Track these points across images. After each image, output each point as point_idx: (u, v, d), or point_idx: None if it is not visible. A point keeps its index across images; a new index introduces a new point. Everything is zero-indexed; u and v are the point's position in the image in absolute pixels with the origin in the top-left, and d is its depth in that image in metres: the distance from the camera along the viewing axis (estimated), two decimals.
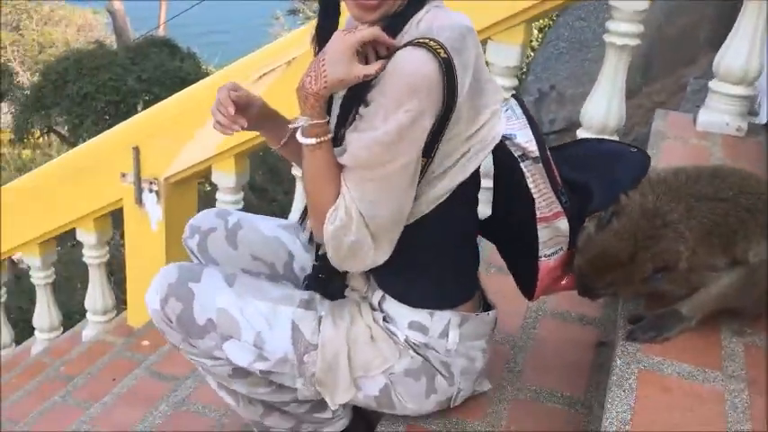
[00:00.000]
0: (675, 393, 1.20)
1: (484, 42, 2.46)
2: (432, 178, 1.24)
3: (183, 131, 2.88)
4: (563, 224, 1.29)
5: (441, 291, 1.36)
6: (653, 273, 1.27)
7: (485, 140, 1.25)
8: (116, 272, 5.03)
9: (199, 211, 3.31)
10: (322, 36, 1.29)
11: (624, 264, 1.28)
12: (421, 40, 1.15)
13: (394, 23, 1.21)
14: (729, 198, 1.31)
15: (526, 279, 1.38)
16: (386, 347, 1.34)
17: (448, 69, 1.13)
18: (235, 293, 1.36)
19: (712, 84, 2.33)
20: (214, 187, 3.03)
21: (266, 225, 1.56)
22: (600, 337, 1.70)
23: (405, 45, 1.17)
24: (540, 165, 1.26)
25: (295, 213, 2.82)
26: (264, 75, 2.68)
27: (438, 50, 1.13)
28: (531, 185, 1.26)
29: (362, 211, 1.18)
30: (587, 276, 1.33)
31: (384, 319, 1.36)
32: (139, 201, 3.00)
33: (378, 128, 1.15)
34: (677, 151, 2.21)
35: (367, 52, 1.19)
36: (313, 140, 1.20)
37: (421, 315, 1.34)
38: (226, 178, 2.92)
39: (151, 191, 2.99)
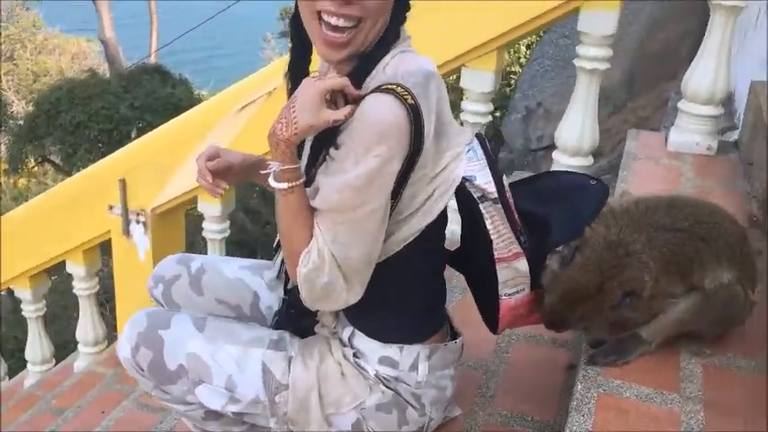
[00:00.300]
0: (632, 416, 1.23)
1: (458, 70, 2.52)
2: (399, 219, 1.28)
3: (168, 163, 2.92)
4: (522, 265, 1.32)
5: (411, 326, 1.39)
6: (622, 298, 1.31)
7: (447, 182, 1.28)
8: (111, 299, 5.06)
9: (186, 239, 3.38)
10: (294, 72, 1.33)
11: (593, 295, 1.31)
12: (389, 87, 1.17)
13: (362, 66, 1.24)
14: (685, 228, 1.36)
15: (489, 314, 1.41)
16: (356, 383, 1.37)
17: (415, 115, 1.16)
18: (205, 338, 1.39)
19: (681, 104, 2.38)
20: None
21: (229, 267, 1.58)
22: (570, 360, 1.73)
23: (373, 90, 1.19)
24: (500, 206, 1.29)
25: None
26: (246, 106, 2.74)
27: (405, 96, 1.16)
28: (489, 227, 1.29)
29: (335, 253, 1.21)
30: (559, 312, 1.36)
31: (354, 355, 1.39)
32: (127, 232, 3.04)
33: (348, 171, 1.18)
34: (649, 171, 2.26)
35: (336, 98, 1.22)
36: (285, 185, 1.23)
37: (391, 350, 1.37)
38: (211, 207, 2.96)
39: (138, 222, 3.03)
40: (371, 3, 1.18)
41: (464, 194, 1.30)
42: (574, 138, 2.44)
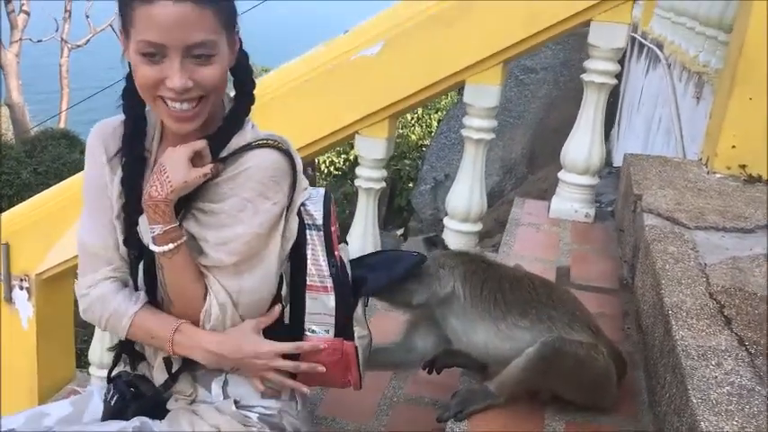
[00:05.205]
0: None
1: (352, 137, 2.58)
2: None
3: (56, 226, 2.82)
4: (330, 300, 1.35)
5: None
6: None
7: (294, 205, 1.33)
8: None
9: (75, 305, 3.22)
10: (131, 147, 1.31)
11: None
12: (261, 143, 1.27)
13: (220, 136, 1.29)
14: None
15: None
16: None
17: (291, 159, 1.29)
18: None
19: (561, 174, 2.50)
20: None
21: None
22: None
23: (245, 149, 1.27)
24: (322, 233, 1.35)
25: None
26: None
27: (280, 145, 1.28)
28: (308, 252, 1.34)
29: (238, 301, 1.26)
30: None
31: (235, 404, 1.35)
32: (9, 298, 2.90)
33: (246, 221, 1.24)
34: (530, 237, 2.34)
35: (195, 159, 1.26)
36: (171, 246, 1.23)
37: None
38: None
39: (22, 288, 2.90)
40: (209, 81, 1.22)
41: (299, 217, 1.34)
42: (462, 204, 2.52)
